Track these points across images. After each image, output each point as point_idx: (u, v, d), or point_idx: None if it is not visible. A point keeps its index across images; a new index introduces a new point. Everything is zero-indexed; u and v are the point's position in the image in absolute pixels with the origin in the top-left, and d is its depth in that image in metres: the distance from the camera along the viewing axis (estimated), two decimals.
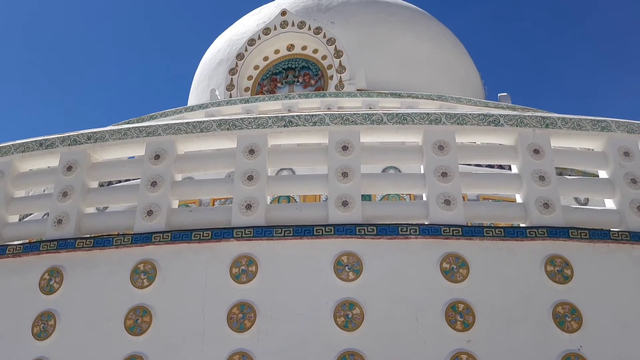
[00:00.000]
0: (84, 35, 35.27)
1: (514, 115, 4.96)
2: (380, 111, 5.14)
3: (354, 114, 5.11)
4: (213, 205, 6.45)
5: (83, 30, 36.02)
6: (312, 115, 5.14)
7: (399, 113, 5.07)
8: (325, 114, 5.12)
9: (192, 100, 14.40)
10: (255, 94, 12.61)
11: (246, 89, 12.66)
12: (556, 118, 4.93)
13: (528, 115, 4.95)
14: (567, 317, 4.18)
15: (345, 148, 4.92)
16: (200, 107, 9.92)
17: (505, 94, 13.85)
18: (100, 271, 4.70)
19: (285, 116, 5.14)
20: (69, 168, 5.17)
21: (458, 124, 4.96)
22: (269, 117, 5.15)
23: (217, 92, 12.63)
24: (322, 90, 12.30)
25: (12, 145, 5.47)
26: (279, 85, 12.68)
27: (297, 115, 5.14)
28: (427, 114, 5.03)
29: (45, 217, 6.41)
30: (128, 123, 9.94)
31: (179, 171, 5.16)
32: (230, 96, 12.16)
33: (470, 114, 5.00)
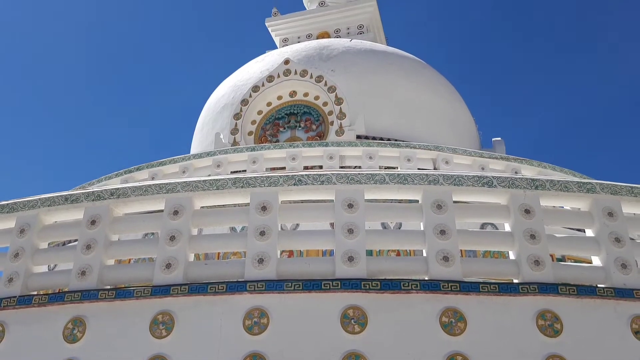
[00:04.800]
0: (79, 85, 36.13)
1: (505, 178, 5.37)
2: (383, 171, 5.54)
3: (359, 173, 5.52)
4: (218, 257, 6.81)
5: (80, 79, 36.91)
6: (320, 174, 5.54)
7: (400, 173, 5.49)
8: (332, 174, 5.53)
9: (195, 142, 14.84)
10: (259, 138, 13.07)
11: (250, 133, 13.11)
12: (545, 180, 5.35)
13: (519, 178, 5.38)
14: None
15: (350, 206, 5.31)
16: (208, 154, 10.33)
17: (499, 138, 14.40)
18: (121, 321, 5.01)
19: (295, 175, 5.54)
20: (93, 222, 5.53)
21: (455, 185, 5.37)
22: (280, 175, 5.55)
23: (221, 136, 13.06)
24: (323, 134, 12.78)
25: (39, 199, 5.84)
26: (281, 129, 13.12)
27: (306, 175, 5.54)
28: (426, 175, 5.45)
29: (54, 267, 6.75)
30: (138, 169, 10.36)
31: (196, 226, 5.52)
32: (235, 140, 12.61)
33: (465, 176, 5.42)
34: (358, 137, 11.95)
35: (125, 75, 39.78)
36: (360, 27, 17.21)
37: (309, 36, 17.53)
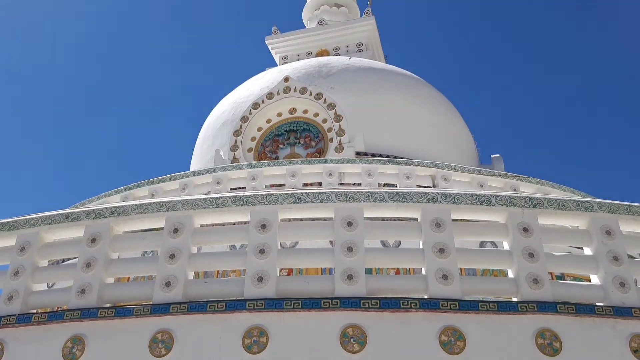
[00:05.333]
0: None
1: (504, 196, 5.41)
2: (382, 189, 5.58)
3: (358, 191, 5.55)
4: (217, 275, 6.82)
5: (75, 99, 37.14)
6: (319, 192, 5.57)
7: (399, 192, 5.53)
8: (332, 192, 5.56)
9: (195, 158, 14.90)
10: (258, 155, 13.13)
11: (249, 150, 13.17)
12: (543, 199, 5.39)
13: (517, 196, 5.41)
14: None
15: (350, 224, 5.33)
16: (208, 171, 10.38)
17: (498, 155, 14.46)
18: (120, 340, 5.01)
19: (294, 193, 5.58)
20: (93, 240, 5.55)
21: (453, 203, 5.40)
22: (279, 194, 5.58)
23: (221, 152, 13.12)
24: (323, 151, 12.84)
25: (40, 217, 5.86)
26: (280, 146, 13.19)
27: (305, 193, 5.58)
28: (425, 193, 5.49)
29: (52, 285, 6.74)
30: (138, 186, 10.39)
31: (196, 244, 5.54)
32: (234, 156, 12.67)
33: (464, 194, 5.46)
34: (357, 154, 12.01)
35: (126, 91, 40.02)
36: (360, 45, 17.38)
37: (308, 54, 17.70)
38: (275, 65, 17.94)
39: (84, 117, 37.86)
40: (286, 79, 13.18)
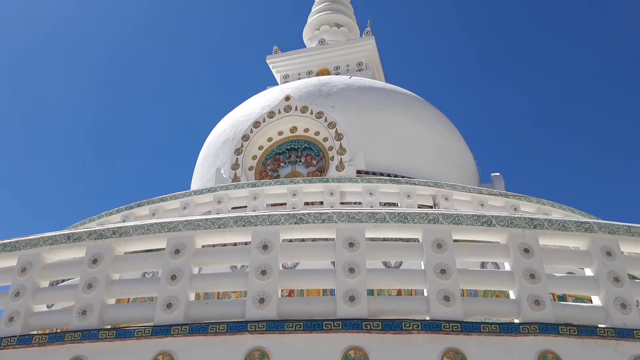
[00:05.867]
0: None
1: (504, 217, 5.43)
2: (384, 210, 5.60)
3: (360, 212, 5.57)
4: (217, 296, 6.80)
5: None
6: (321, 213, 5.60)
7: (401, 212, 5.55)
8: (333, 212, 5.58)
9: (196, 177, 14.93)
10: (259, 173, 13.16)
11: (250, 168, 13.21)
12: (543, 220, 5.41)
13: (517, 217, 5.43)
14: None
15: (351, 245, 5.34)
16: (209, 190, 10.40)
17: (498, 174, 14.50)
18: None
19: (296, 214, 5.60)
20: (94, 261, 5.55)
21: (454, 224, 5.42)
22: (281, 214, 5.60)
23: (222, 171, 13.15)
24: (324, 169, 12.87)
25: (41, 237, 5.87)
26: (282, 164, 13.22)
27: (307, 213, 5.60)
28: (426, 213, 5.51)
29: (51, 305, 6.71)
30: (139, 205, 10.41)
31: (197, 264, 5.55)
32: (235, 175, 12.69)
33: (465, 215, 5.48)
34: (358, 172, 12.04)
35: (127, 110, 40.24)
36: (360, 64, 17.53)
37: (309, 73, 17.84)
38: (276, 83, 18.08)
39: (82, 134, 38.01)
40: (287, 98, 13.26)
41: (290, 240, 5.79)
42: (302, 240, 5.88)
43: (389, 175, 12.41)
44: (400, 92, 14.60)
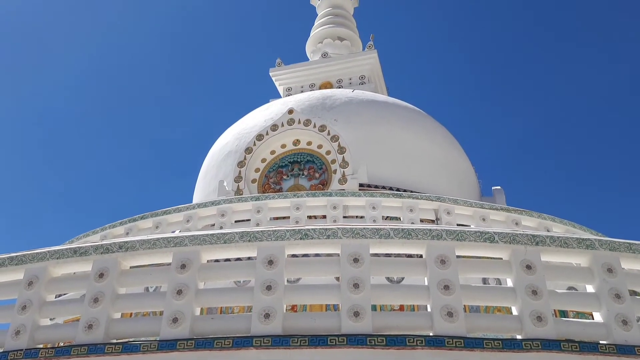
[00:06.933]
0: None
1: (507, 233, 5.49)
2: (388, 226, 5.67)
3: (364, 228, 5.64)
4: (220, 311, 6.83)
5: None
6: (326, 228, 5.66)
7: (405, 228, 5.61)
8: (338, 228, 5.65)
9: (198, 189, 15.01)
10: (262, 186, 13.23)
11: (253, 181, 13.28)
12: (545, 236, 5.47)
13: (520, 234, 5.49)
14: None
15: (356, 260, 5.40)
16: (212, 203, 10.47)
17: (499, 187, 14.58)
18: None
19: (301, 229, 5.66)
20: (101, 275, 5.61)
21: (457, 240, 5.48)
22: (286, 229, 5.67)
23: (225, 183, 13.22)
24: (326, 183, 12.94)
25: (48, 251, 5.94)
26: (284, 177, 13.30)
27: (312, 229, 5.67)
28: (430, 229, 5.57)
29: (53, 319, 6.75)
30: (142, 218, 10.48)
31: (203, 279, 5.60)
32: (238, 188, 12.76)
33: (468, 231, 5.55)
34: (360, 185, 12.13)
35: (129, 122, 40.43)
36: (362, 77, 17.69)
37: (311, 86, 17.99)
38: (279, 96, 18.23)
39: (84, 144, 38.15)
40: (290, 111, 13.37)
41: (294, 256, 5.85)
42: (304, 255, 5.94)
43: (391, 188, 12.49)
44: (402, 106, 14.72)
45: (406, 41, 43.58)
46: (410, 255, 6.09)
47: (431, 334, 5.00)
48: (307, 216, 10.00)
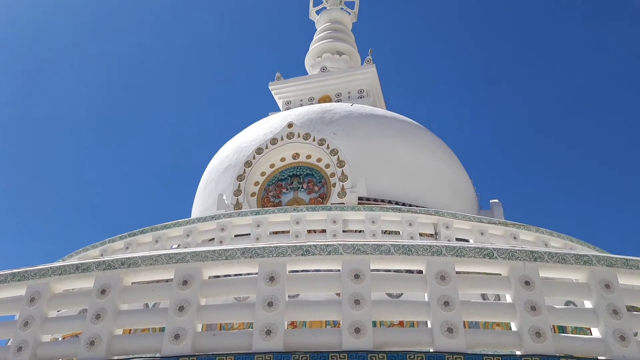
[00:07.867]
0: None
1: (506, 249, 5.55)
2: (388, 242, 5.72)
3: (365, 244, 5.69)
4: (220, 327, 6.85)
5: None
6: (327, 245, 5.71)
7: (405, 244, 5.67)
8: (339, 244, 5.70)
9: (197, 202, 15.02)
10: (261, 199, 13.27)
11: (252, 195, 13.32)
12: (543, 252, 5.53)
13: (518, 250, 5.55)
14: None
15: (357, 276, 5.45)
16: (212, 217, 10.49)
17: (497, 200, 14.65)
18: None
19: (303, 245, 5.71)
20: (103, 291, 5.64)
21: (457, 256, 5.54)
22: (288, 246, 5.72)
23: (224, 197, 13.25)
24: (325, 196, 12.98)
25: (50, 268, 5.97)
26: (284, 191, 13.33)
27: (313, 245, 5.72)
28: (430, 246, 5.63)
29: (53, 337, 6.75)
30: (142, 232, 10.51)
31: (204, 296, 5.64)
32: (237, 201, 12.78)
33: (467, 247, 5.60)
34: (360, 198, 12.17)
35: (129, 136, 40.51)
36: (361, 91, 17.81)
37: (310, 99, 18.10)
38: (278, 109, 18.33)
39: (83, 156, 38.19)
40: (290, 125, 13.45)
41: (294, 271, 5.89)
42: (304, 271, 5.98)
43: (390, 201, 12.55)
44: (401, 120, 14.82)
45: (405, 55, 43.90)
46: (409, 271, 6.15)
47: (431, 350, 5.04)
48: (307, 230, 10.03)
